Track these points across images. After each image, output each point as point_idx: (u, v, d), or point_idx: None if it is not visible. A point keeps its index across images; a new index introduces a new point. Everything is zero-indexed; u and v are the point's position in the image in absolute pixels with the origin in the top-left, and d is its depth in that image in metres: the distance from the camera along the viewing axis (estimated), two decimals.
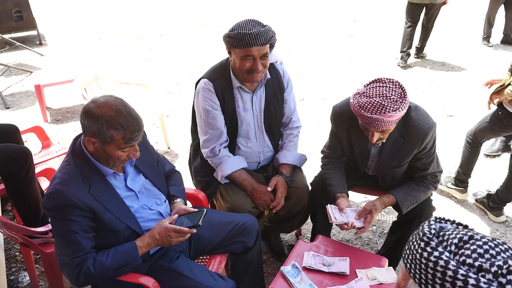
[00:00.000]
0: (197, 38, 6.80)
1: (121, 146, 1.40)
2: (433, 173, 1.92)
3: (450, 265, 0.74)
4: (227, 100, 1.98)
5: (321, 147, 2.19)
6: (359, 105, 1.64)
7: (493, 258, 0.74)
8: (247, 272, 1.88)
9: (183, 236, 1.51)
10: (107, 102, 1.39)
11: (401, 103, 1.60)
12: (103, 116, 1.35)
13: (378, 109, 1.59)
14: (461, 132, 3.73)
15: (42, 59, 5.85)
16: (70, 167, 1.43)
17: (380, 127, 1.63)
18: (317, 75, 5.20)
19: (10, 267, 2.37)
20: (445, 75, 5.08)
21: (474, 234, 0.79)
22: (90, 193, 1.41)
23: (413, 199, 1.88)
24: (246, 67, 1.84)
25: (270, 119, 2.09)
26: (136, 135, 1.41)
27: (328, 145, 2.12)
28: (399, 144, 1.82)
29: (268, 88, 2.05)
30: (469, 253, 0.75)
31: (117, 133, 1.37)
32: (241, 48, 1.79)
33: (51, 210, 1.39)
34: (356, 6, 8.62)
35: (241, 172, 2.03)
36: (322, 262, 1.76)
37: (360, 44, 6.29)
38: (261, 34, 1.77)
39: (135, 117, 1.41)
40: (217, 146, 2.02)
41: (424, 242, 0.79)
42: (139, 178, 1.62)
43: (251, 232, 1.82)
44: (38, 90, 3.97)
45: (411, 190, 1.88)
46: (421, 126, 1.75)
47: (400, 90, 1.63)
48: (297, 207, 2.14)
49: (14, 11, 6.07)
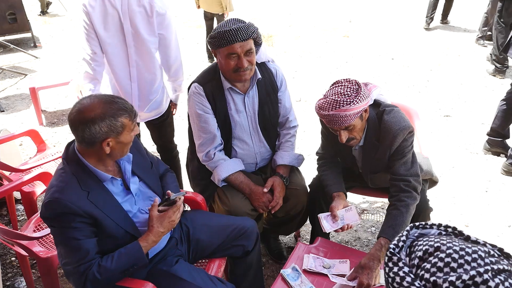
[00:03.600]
0: (193, 40, 6.78)
1: (131, 126, 1.43)
2: (406, 179, 1.77)
3: (405, 282, 0.74)
4: (219, 103, 1.97)
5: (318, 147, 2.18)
6: (318, 107, 1.72)
7: (452, 272, 0.71)
8: (246, 276, 1.87)
9: (178, 209, 1.54)
10: (91, 103, 1.37)
11: (354, 97, 1.64)
12: (103, 113, 1.34)
13: (333, 106, 1.65)
14: (458, 132, 3.75)
15: (37, 62, 5.81)
16: (66, 174, 1.40)
17: (340, 123, 1.67)
18: (314, 76, 5.20)
19: (6, 273, 2.34)
20: (441, 75, 5.10)
21: (443, 244, 0.76)
22: (89, 200, 1.39)
23: (403, 225, 1.74)
24: (231, 66, 1.84)
25: (265, 119, 2.08)
26: (134, 109, 1.45)
27: (321, 145, 2.13)
28: (375, 148, 1.84)
29: (261, 88, 2.03)
30: (428, 267, 0.74)
31: (123, 117, 1.39)
32: (224, 46, 1.80)
33: (50, 219, 1.37)
34: (351, 7, 8.64)
35: (238, 174, 2.02)
36: (322, 264, 1.75)
37: (356, 45, 6.31)
38: (241, 29, 1.77)
39: (119, 97, 1.45)
40: (211, 149, 2.02)
41: (388, 257, 0.80)
42: (134, 180, 1.60)
43: (250, 236, 1.80)
44: (33, 93, 3.93)
45: (395, 219, 1.74)
46: (391, 127, 1.76)
47: (356, 86, 1.68)
48: (296, 209, 2.13)
49: (8, 13, 6.02)
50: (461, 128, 3.82)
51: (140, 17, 2.14)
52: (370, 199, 2.85)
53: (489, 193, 2.96)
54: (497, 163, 3.28)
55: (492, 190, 2.98)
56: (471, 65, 5.37)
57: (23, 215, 2.76)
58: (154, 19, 2.16)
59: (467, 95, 4.52)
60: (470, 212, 2.78)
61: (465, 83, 4.82)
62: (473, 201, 2.88)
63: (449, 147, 3.51)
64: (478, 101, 4.36)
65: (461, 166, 3.27)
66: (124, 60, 2.25)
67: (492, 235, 2.56)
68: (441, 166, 3.21)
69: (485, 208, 2.81)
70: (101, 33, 2.16)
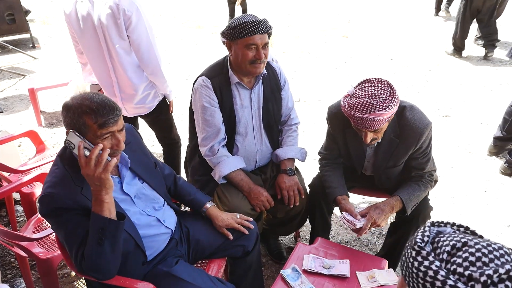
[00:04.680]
0: (192, 40, 6.78)
1: (97, 133, 1.32)
2: (429, 172, 1.92)
3: (439, 275, 0.74)
4: (225, 97, 1.98)
5: (317, 148, 2.18)
6: (349, 106, 1.65)
7: (485, 267, 0.72)
8: (246, 276, 1.87)
9: (88, 162, 1.29)
10: (82, 94, 1.37)
11: (390, 101, 1.61)
12: (74, 105, 1.33)
13: (368, 109, 1.60)
14: (457, 132, 3.76)
15: (35, 62, 5.80)
16: (59, 170, 1.39)
17: (371, 126, 1.64)
18: (313, 76, 5.20)
19: (6, 274, 2.34)
20: (440, 75, 5.10)
21: (469, 240, 0.78)
22: (82, 194, 1.37)
23: (416, 199, 1.87)
24: (249, 57, 1.85)
25: (269, 116, 2.09)
26: (110, 118, 1.33)
27: (325, 146, 2.12)
28: (394, 144, 1.82)
29: (266, 85, 2.05)
30: (460, 262, 0.74)
31: (88, 117, 1.31)
32: (244, 37, 1.82)
33: (47, 215, 1.37)
34: (350, 7, 8.65)
35: (239, 172, 2.02)
36: (322, 264, 1.75)
37: (355, 45, 6.31)
38: (262, 22, 1.83)
39: (108, 102, 1.34)
40: (215, 144, 2.01)
41: (416, 251, 0.80)
42: (135, 182, 1.59)
43: (250, 236, 1.80)
44: (32, 94, 3.93)
45: (413, 190, 1.87)
46: (416, 126, 1.75)
47: (389, 88, 1.65)
48: (296, 209, 2.12)
49: (7, 14, 6.02)
50: (460, 128, 3.83)
51: (109, 19, 2.14)
52: (370, 199, 2.85)
53: (488, 193, 2.96)
54: (496, 163, 3.28)
55: (491, 190, 2.98)
56: (470, 65, 5.38)
57: (22, 216, 2.75)
58: (122, 21, 2.14)
59: (466, 95, 4.53)
60: (469, 212, 2.78)
61: (464, 83, 4.83)
62: (472, 201, 2.89)
63: (448, 147, 3.51)
64: (477, 101, 4.37)
65: (460, 166, 3.27)
66: (103, 62, 2.32)
67: (492, 235, 2.57)
68: (440, 166, 3.21)
69: (484, 208, 2.81)
70: (79, 37, 2.28)
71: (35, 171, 2.49)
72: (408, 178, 1.94)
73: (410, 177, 1.93)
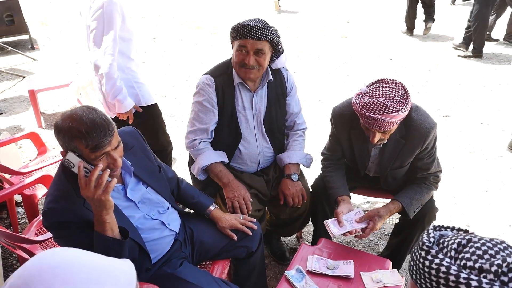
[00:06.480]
0: (191, 41, 6.78)
1: (91, 156, 1.28)
2: (435, 173, 1.92)
3: (452, 270, 0.76)
4: (227, 97, 1.99)
5: (318, 149, 2.18)
6: (362, 105, 1.64)
7: (493, 258, 0.76)
8: (250, 277, 1.87)
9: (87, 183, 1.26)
10: (72, 113, 1.30)
11: (404, 104, 1.60)
12: (64, 127, 1.28)
13: (381, 109, 1.59)
14: (457, 132, 3.76)
15: (35, 64, 5.79)
16: (61, 182, 1.38)
17: (382, 127, 1.64)
18: (312, 76, 5.21)
19: (8, 276, 2.33)
20: (440, 75, 5.11)
21: (472, 237, 0.81)
22: (85, 207, 1.36)
23: (418, 202, 1.87)
24: (239, 59, 1.87)
25: (271, 120, 2.09)
26: (102, 141, 1.28)
27: (328, 147, 2.11)
28: (400, 145, 1.82)
29: (271, 90, 2.05)
30: (468, 256, 0.78)
31: (79, 142, 1.27)
32: (237, 39, 1.85)
33: (50, 228, 1.36)
34: (349, 7, 8.66)
35: (218, 164, 2.00)
36: (326, 265, 1.75)
37: (355, 46, 6.32)
38: (257, 28, 1.81)
39: (99, 122, 1.28)
40: (198, 139, 2.03)
41: (425, 251, 0.82)
42: (139, 187, 1.57)
43: (254, 237, 1.80)
44: (32, 95, 3.91)
45: (415, 193, 1.87)
46: (422, 126, 1.75)
47: (403, 91, 1.63)
48: (299, 210, 2.12)
49: (5, 15, 6.00)
50: (460, 128, 3.83)
51: (86, 2, 2.24)
52: (372, 200, 2.86)
53: (489, 192, 2.97)
54: (497, 163, 3.29)
55: (492, 190, 2.99)
56: (470, 65, 5.40)
57: (23, 218, 2.75)
58: (93, 5, 2.18)
59: (465, 95, 4.54)
60: (471, 212, 2.78)
61: (463, 83, 4.84)
62: (473, 201, 2.89)
63: (449, 147, 3.52)
64: (476, 101, 4.38)
65: (461, 166, 3.28)
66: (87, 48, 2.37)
67: (493, 235, 2.57)
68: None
69: (485, 208, 2.82)
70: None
71: (36, 173, 2.49)
72: (412, 180, 1.94)
73: (414, 179, 1.93)
